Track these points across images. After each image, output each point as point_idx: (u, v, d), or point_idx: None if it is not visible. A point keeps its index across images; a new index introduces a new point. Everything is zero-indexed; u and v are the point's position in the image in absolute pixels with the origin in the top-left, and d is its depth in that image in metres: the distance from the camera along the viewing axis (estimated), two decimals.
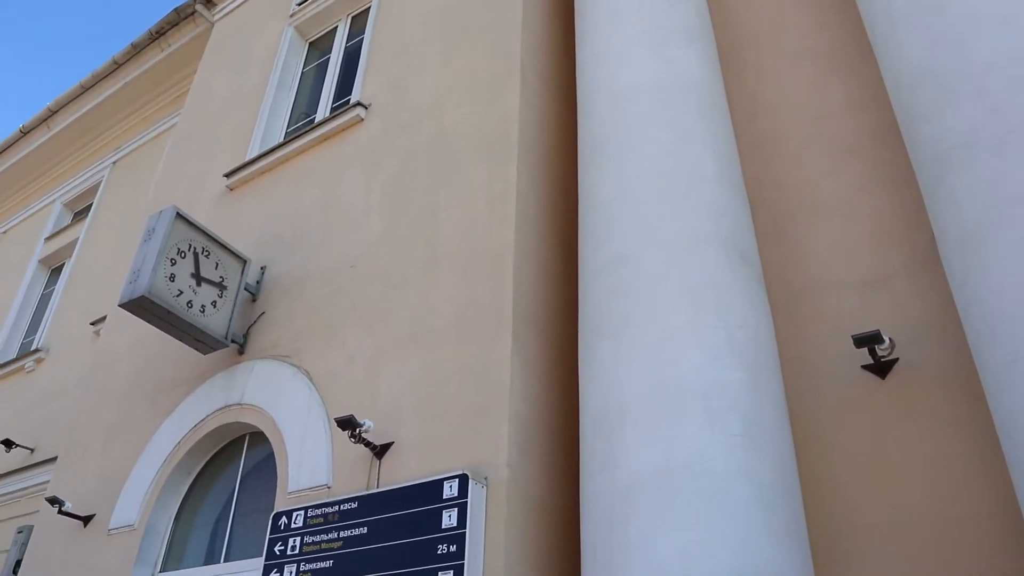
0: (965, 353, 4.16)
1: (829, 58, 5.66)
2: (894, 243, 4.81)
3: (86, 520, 6.65)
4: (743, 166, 5.47)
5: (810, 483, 4.37)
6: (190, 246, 6.26)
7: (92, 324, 9.92)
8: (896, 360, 4.42)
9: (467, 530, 4.23)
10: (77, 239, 12.02)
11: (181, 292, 6.06)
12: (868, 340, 4.30)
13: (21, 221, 13.90)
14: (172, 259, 6.08)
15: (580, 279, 4.99)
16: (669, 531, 3.83)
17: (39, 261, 12.67)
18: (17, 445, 9.41)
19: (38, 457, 9.28)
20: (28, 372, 10.93)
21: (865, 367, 4.49)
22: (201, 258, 6.31)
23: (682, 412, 4.12)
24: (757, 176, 5.48)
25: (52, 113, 13.07)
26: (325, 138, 7.11)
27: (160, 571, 6.14)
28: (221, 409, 6.19)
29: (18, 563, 7.52)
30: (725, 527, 3.80)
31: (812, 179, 5.30)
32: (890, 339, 4.40)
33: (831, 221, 5.11)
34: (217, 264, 6.40)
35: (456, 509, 4.32)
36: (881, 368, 4.44)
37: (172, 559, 6.23)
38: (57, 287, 11.85)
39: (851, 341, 4.37)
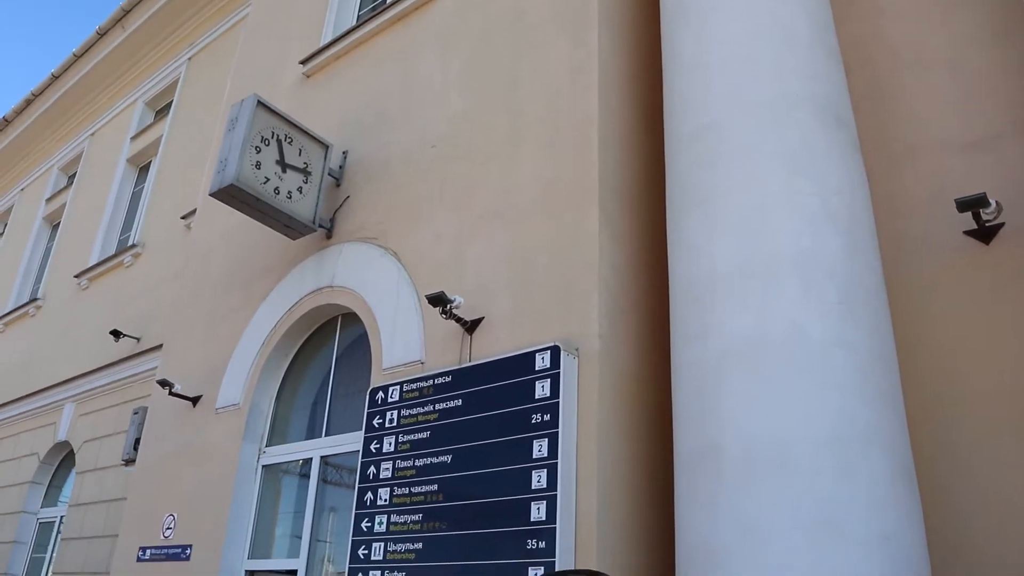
0: None
1: None
2: (1002, 101, 4.51)
3: (194, 400, 7.04)
4: (839, 24, 5.15)
5: (907, 352, 4.28)
6: (273, 134, 6.31)
7: (183, 218, 10.24)
8: (1002, 225, 4.21)
9: (560, 400, 4.30)
10: (161, 137, 12.29)
11: (267, 179, 6.15)
12: (972, 204, 4.08)
13: (107, 123, 14.24)
14: (256, 147, 6.15)
15: (667, 148, 4.86)
16: (763, 401, 3.81)
17: (127, 160, 13.03)
18: (124, 335, 9.93)
19: (144, 345, 9.80)
20: (127, 267, 11.42)
21: (968, 232, 4.29)
22: (284, 145, 6.36)
23: (776, 281, 4.04)
24: (854, 34, 5.16)
25: (126, 13, 13.16)
26: (399, 18, 6.97)
27: (266, 446, 6.50)
28: (313, 292, 6.37)
29: (137, 440, 8.05)
30: (820, 395, 3.77)
31: (916, 34, 4.97)
32: (996, 202, 4.17)
33: (935, 79, 4.80)
34: (300, 150, 6.46)
35: (549, 380, 4.39)
36: (985, 233, 4.24)
37: (276, 435, 6.57)
38: (146, 185, 12.21)
39: (953, 205, 4.17)
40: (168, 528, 6.72)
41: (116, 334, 9.86)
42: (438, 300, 4.86)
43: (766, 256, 4.10)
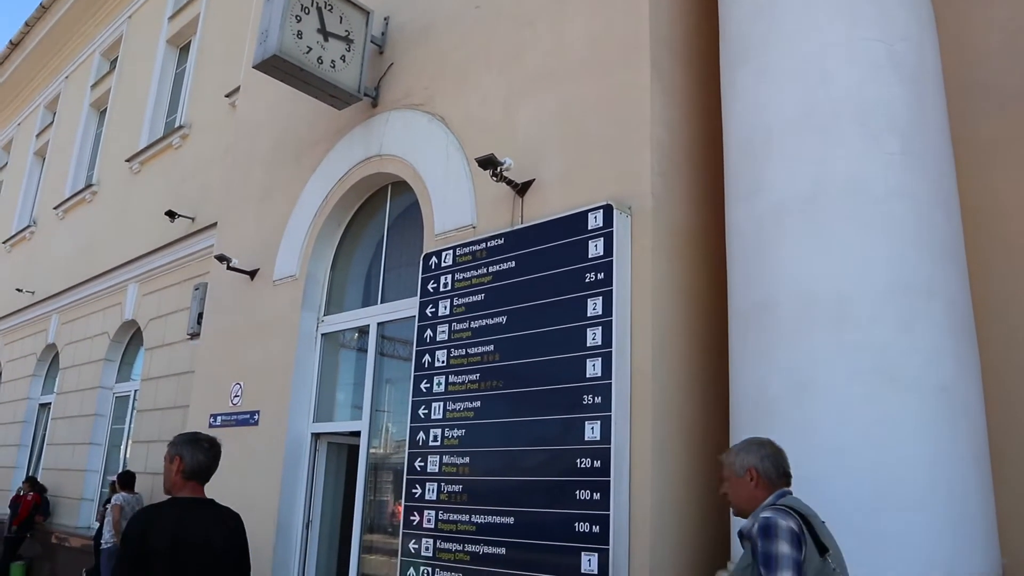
0: None
1: None
2: None
3: (252, 274, 7.21)
4: None
5: (971, 205, 4.15)
6: (312, 2, 6.15)
7: (227, 96, 10.20)
8: None
9: (614, 258, 4.29)
10: (198, 15, 12.10)
11: (310, 49, 6.05)
12: None
13: (143, 3, 14.04)
14: (297, 16, 6.02)
15: None
16: (821, 254, 3.76)
17: (167, 41, 12.90)
18: (179, 215, 10.11)
19: (199, 224, 9.98)
20: (176, 148, 11.51)
21: None
22: (325, 13, 6.21)
23: (836, 131, 3.91)
24: None
25: None
26: None
27: (324, 315, 6.67)
28: (362, 162, 6.36)
29: (200, 315, 8.33)
30: (880, 247, 3.70)
31: None
32: None
33: None
34: (341, 18, 6.31)
35: (602, 239, 4.37)
36: None
37: (333, 304, 6.73)
38: (188, 65, 12.13)
39: None
40: (236, 396, 7.02)
41: (171, 215, 10.03)
42: (488, 163, 4.81)
43: (825, 106, 3.96)
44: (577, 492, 4.09)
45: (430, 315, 5.21)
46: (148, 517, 3.18)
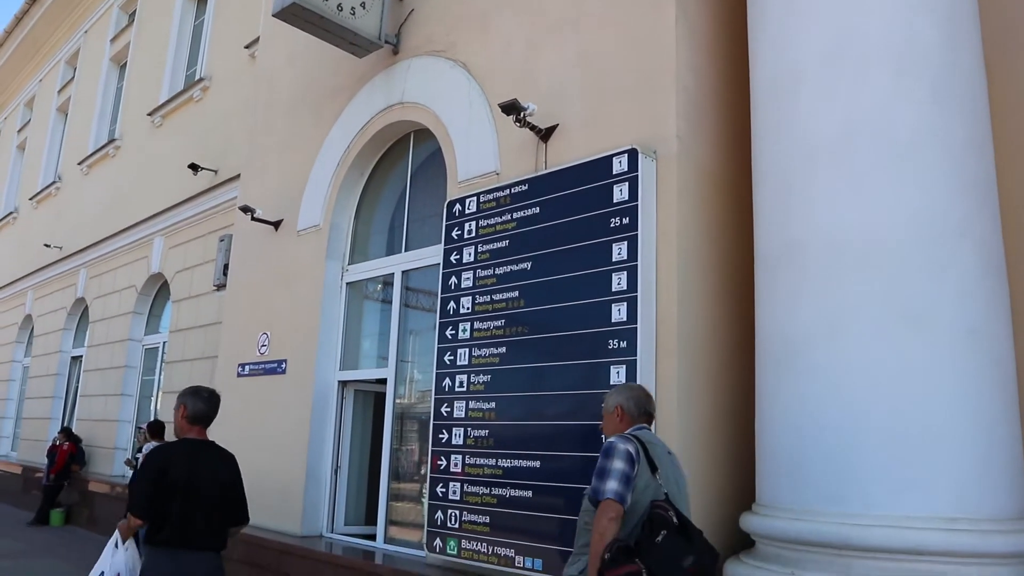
0: None
1: None
2: None
3: (276, 224, 7.25)
4: None
5: (1006, 147, 4.07)
6: None
7: (246, 47, 10.14)
8: None
9: (639, 203, 4.27)
10: None
11: None
12: None
13: None
14: None
15: None
16: (851, 195, 3.70)
17: None
18: (202, 168, 10.12)
19: (223, 177, 10.00)
20: (197, 101, 11.49)
21: None
22: None
23: (866, 70, 3.81)
24: None
25: None
26: None
27: (348, 264, 6.70)
28: (384, 110, 6.32)
29: (226, 266, 8.39)
30: (911, 188, 3.64)
31: None
32: None
33: None
34: None
35: (627, 183, 4.34)
36: None
37: (357, 253, 6.76)
38: (206, 16, 12.04)
39: None
40: (263, 345, 7.11)
41: (194, 167, 10.04)
42: (511, 108, 4.77)
43: (857, 43, 3.86)
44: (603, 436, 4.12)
45: (455, 262, 5.22)
46: (167, 452, 3.89)
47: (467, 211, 5.22)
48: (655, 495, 2.91)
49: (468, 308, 5.04)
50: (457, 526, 4.77)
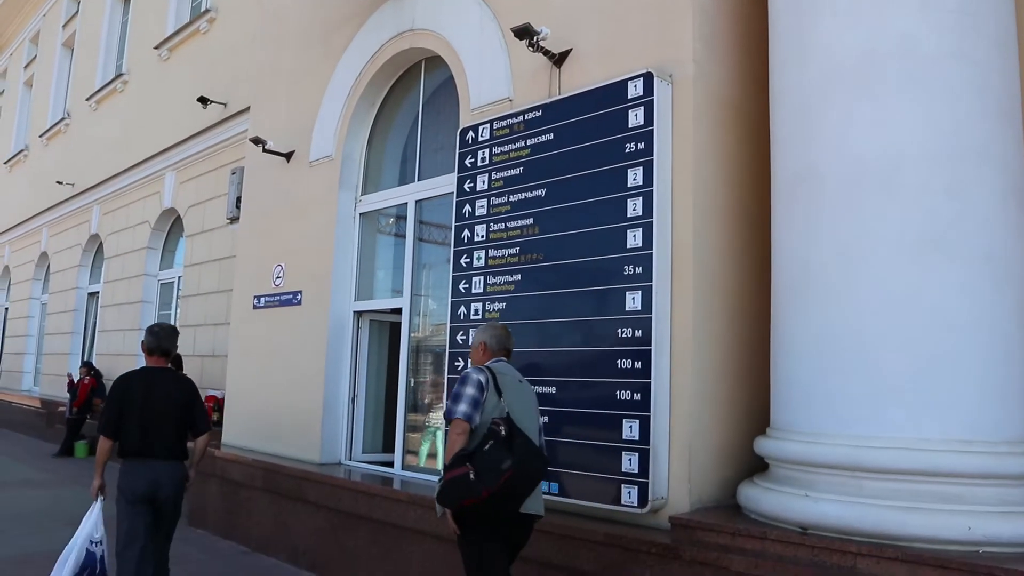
0: None
1: None
2: None
3: (288, 156, 7.20)
4: None
5: None
6: None
7: None
8: None
9: (655, 128, 4.20)
10: None
11: None
12: None
13: None
14: None
15: None
16: (871, 118, 3.62)
17: None
18: (212, 101, 10.03)
19: (232, 109, 9.92)
20: (204, 33, 11.33)
21: None
22: None
23: None
24: None
25: None
26: None
27: (361, 194, 6.68)
28: (394, 38, 6.21)
29: (238, 199, 8.38)
30: (933, 110, 3.57)
31: None
32: None
33: None
34: None
35: (642, 108, 4.27)
36: None
37: (370, 183, 6.72)
38: None
39: None
40: (278, 277, 7.14)
41: (203, 101, 9.96)
42: (524, 32, 4.68)
43: None
44: (619, 361, 4.15)
45: (468, 190, 5.19)
46: (127, 379, 4.60)
47: (480, 138, 5.17)
48: (499, 415, 3.45)
49: (482, 236, 5.03)
50: None
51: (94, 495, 4.52)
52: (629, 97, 4.33)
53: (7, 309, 19.27)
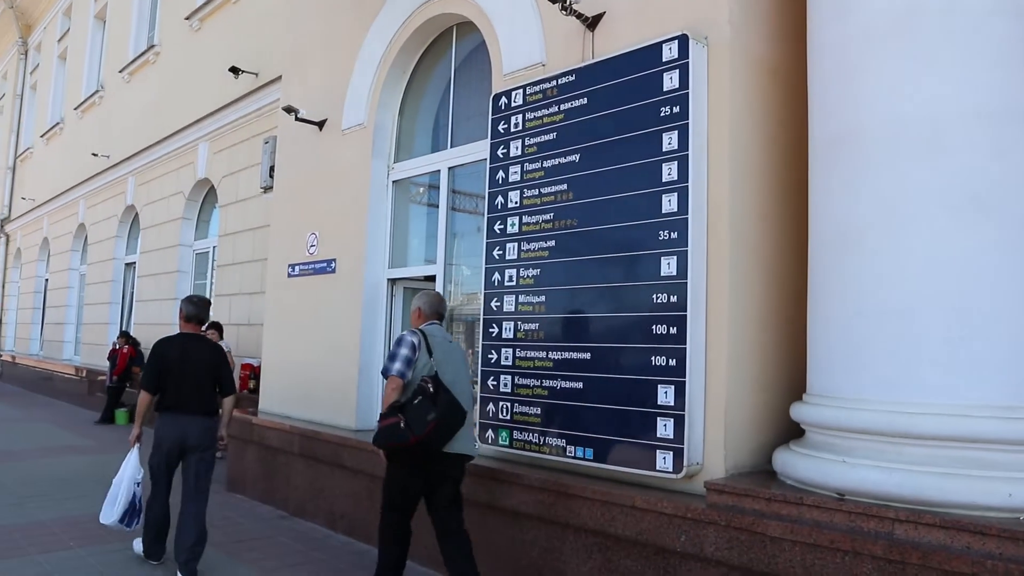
0: None
1: None
2: None
3: (320, 124, 7.22)
4: None
5: None
6: None
7: None
8: None
9: (690, 91, 4.14)
10: None
11: None
12: None
13: None
14: None
15: None
16: (913, 77, 3.53)
17: None
18: (243, 71, 10.06)
19: (264, 79, 9.95)
20: (235, 3, 11.34)
21: None
22: None
23: None
24: None
25: None
26: None
27: (394, 162, 6.68)
28: (425, 3, 6.17)
29: (272, 168, 8.43)
30: (977, 69, 3.46)
31: None
32: None
33: None
34: None
35: (677, 71, 4.21)
36: None
37: (403, 150, 6.72)
38: None
39: None
40: (312, 245, 7.20)
41: (235, 71, 9.97)
42: None
43: None
44: (654, 327, 4.14)
45: (501, 156, 5.17)
46: (166, 342, 5.17)
47: (513, 104, 5.13)
48: (428, 372, 4.14)
49: (516, 202, 5.01)
50: (508, 418, 4.88)
51: (132, 443, 5.15)
52: (664, 60, 4.27)
53: (47, 280, 19.65)
